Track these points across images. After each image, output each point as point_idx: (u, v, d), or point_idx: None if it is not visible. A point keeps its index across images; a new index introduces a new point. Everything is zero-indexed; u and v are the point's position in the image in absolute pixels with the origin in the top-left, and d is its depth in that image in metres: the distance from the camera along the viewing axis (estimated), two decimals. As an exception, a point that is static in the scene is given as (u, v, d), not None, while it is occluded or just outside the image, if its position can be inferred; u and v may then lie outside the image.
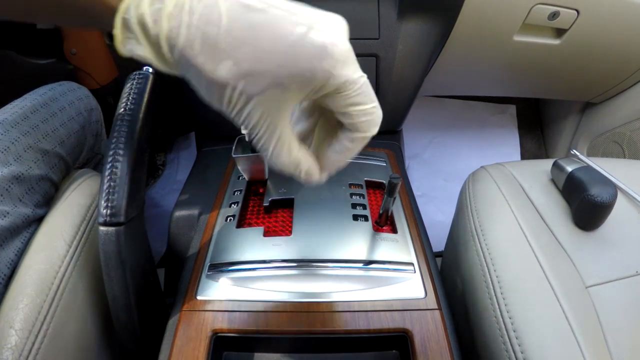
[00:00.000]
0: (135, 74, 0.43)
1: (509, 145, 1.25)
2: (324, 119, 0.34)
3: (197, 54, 0.25)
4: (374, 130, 0.32)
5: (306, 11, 0.28)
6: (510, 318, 0.43)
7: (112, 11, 0.26)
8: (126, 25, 0.26)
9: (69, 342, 0.40)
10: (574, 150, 0.65)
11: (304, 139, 0.35)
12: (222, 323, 0.42)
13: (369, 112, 0.30)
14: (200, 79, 0.27)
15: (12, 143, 0.46)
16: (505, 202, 0.54)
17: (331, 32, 0.28)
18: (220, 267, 0.47)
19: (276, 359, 0.43)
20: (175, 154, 1.22)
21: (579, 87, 0.96)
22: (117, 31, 0.26)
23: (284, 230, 0.52)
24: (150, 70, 0.43)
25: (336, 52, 0.27)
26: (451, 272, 0.58)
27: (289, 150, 0.30)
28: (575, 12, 0.72)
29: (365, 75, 0.30)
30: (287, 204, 0.56)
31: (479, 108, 1.27)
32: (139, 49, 0.26)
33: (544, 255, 0.47)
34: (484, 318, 0.45)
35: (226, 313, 0.43)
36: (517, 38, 0.77)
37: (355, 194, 0.57)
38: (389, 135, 0.76)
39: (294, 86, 0.27)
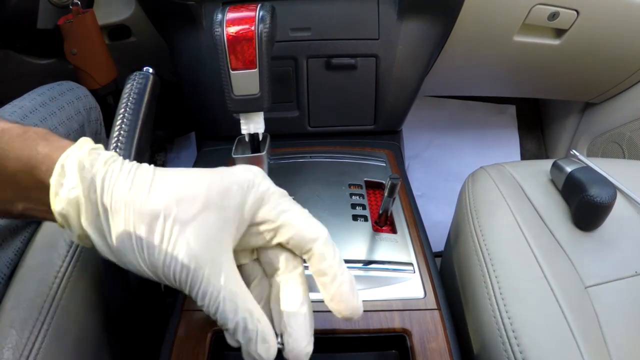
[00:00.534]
0: (136, 74, 0.43)
1: (508, 145, 1.25)
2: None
3: (127, 189, 0.25)
4: (322, 232, 0.29)
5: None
6: (509, 318, 0.43)
7: (49, 167, 0.25)
8: (64, 172, 0.25)
9: (70, 342, 0.40)
10: (574, 151, 0.65)
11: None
12: (222, 323, 0.42)
13: (305, 215, 0.29)
14: (129, 216, 0.25)
15: None
16: (505, 203, 0.54)
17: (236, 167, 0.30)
18: (220, 267, 0.47)
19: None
20: (175, 153, 1.22)
21: (579, 88, 0.96)
22: (54, 179, 0.25)
23: (284, 230, 0.52)
24: (151, 70, 0.43)
25: (253, 169, 0.29)
26: (450, 272, 0.59)
27: (240, 300, 0.26)
28: (575, 13, 0.72)
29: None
30: (287, 204, 0.56)
31: (479, 108, 1.27)
32: (73, 192, 0.25)
33: (543, 255, 0.47)
34: (483, 318, 0.46)
35: (226, 313, 0.43)
36: (517, 38, 0.77)
37: (355, 194, 0.57)
38: (389, 135, 0.76)
39: (224, 203, 0.26)
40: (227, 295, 0.25)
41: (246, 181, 0.28)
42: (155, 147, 1.20)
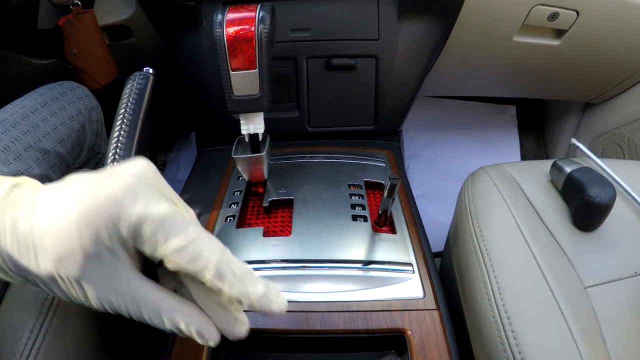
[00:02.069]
0: (136, 75, 0.43)
1: (508, 145, 1.25)
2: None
3: (19, 257, 0.24)
4: (207, 263, 0.25)
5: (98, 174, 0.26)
6: (508, 318, 0.43)
7: None
8: None
9: (69, 342, 0.40)
10: (574, 140, 0.64)
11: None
12: (221, 323, 0.42)
13: (179, 248, 0.25)
14: (36, 280, 0.25)
15: (12, 142, 0.46)
16: (504, 203, 0.54)
17: (114, 175, 0.26)
18: (219, 267, 0.47)
19: (275, 359, 0.43)
20: (175, 153, 1.22)
21: (579, 88, 0.96)
22: None
23: (284, 230, 0.52)
24: (151, 70, 0.43)
25: (118, 192, 0.25)
26: (450, 273, 0.59)
27: (161, 307, 0.26)
28: (575, 13, 0.72)
29: (168, 208, 0.25)
30: (286, 205, 0.56)
31: (479, 108, 1.27)
32: None
33: (543, 255, 0.47)
34: (482, 318, 0.46)
35: (226, 313, 0.43)
36: (517, 39, 0.77)
37: (355, 195, 0.57)
38: (389, 135, 0.76)
39: (100, 249, 0.25)
40: (151, 313, 0.26)
41: (111, 217, 0.24)
42: (155, 147, 1.21)
